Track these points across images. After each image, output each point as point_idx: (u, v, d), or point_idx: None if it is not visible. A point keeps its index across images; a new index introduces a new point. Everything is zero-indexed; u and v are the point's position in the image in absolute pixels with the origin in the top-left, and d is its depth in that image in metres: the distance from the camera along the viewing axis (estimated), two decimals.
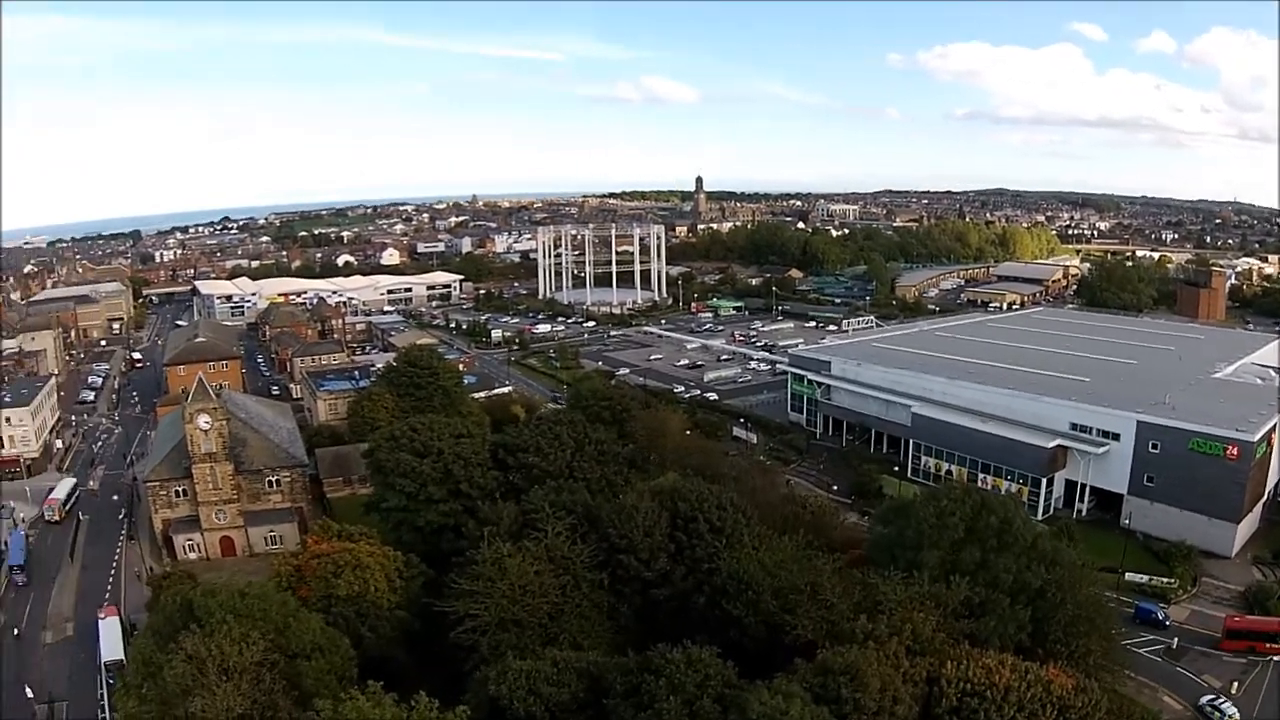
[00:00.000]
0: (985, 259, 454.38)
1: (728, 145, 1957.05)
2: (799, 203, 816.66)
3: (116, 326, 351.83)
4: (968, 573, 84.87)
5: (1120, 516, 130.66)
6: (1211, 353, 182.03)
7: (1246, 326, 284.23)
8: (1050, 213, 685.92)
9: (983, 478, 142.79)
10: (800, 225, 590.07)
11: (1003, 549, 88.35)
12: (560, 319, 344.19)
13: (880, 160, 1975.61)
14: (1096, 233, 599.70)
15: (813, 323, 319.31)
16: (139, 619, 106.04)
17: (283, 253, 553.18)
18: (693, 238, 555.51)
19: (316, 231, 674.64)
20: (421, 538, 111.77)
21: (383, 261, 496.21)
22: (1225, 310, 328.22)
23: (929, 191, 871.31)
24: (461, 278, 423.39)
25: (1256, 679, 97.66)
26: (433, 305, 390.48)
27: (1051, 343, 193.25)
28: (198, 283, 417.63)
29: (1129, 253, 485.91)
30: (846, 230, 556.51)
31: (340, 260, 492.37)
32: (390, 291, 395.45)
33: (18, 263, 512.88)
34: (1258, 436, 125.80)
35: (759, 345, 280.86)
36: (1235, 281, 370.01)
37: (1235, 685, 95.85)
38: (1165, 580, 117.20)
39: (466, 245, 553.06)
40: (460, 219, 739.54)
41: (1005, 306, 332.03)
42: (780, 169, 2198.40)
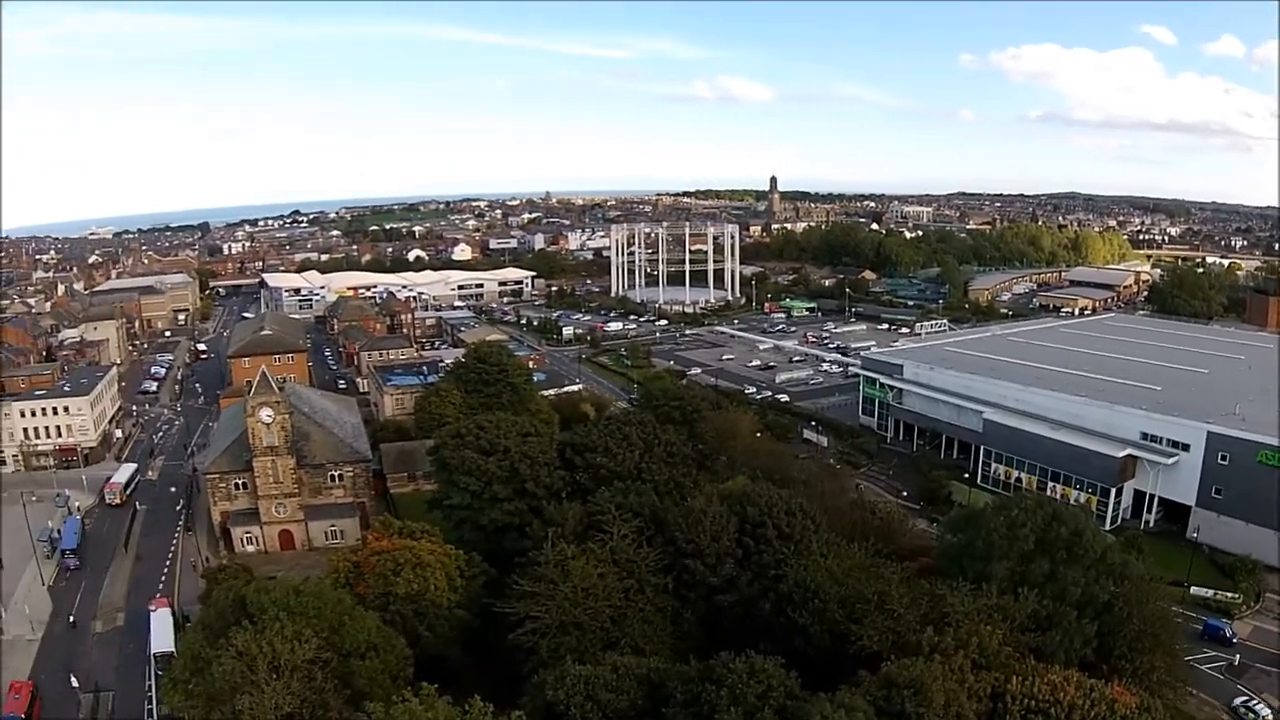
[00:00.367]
0: (1058, 263, 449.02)
1: (801, 145, 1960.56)
2: (873, 203, 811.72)
3: (182, 318, 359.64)
4: (1036, 585, 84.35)
5: (1187, 529, 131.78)
6: None
7: None
8: (1121, 217, 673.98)
9: (1052, 486, 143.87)
10: (874, 226, 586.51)
11: (1072, 561, 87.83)
12: (632, 317, 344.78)
13: (954, 162, 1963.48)
14: (1167, 238, 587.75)
15: (885, 325, 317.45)
16: (192, 611, 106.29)
17: (353, 246, 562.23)
18: (766, 237, 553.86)
19: (388, 226, 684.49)
20: (484, 536, 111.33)
21: (454, 257, 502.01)
22: None
23: (1002, 194, 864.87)
24: (533, 274, 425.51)
25: None
26: (504, 301, 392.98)
27: (1123, 350, 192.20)
28: (266, 275, 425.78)
29: (1199, 259, 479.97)
30: (920, 232, 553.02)
31: (411, 255, 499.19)
32: (461, 287, 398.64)
33: (82, 253, 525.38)
34: None
35: (831, 347, 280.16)
36: None
37: None
38: (1230, 595, 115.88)
39: (539, 242, 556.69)
40: (533, 215, 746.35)
41: (1077, 312, 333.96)
42: (854, 169, 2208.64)
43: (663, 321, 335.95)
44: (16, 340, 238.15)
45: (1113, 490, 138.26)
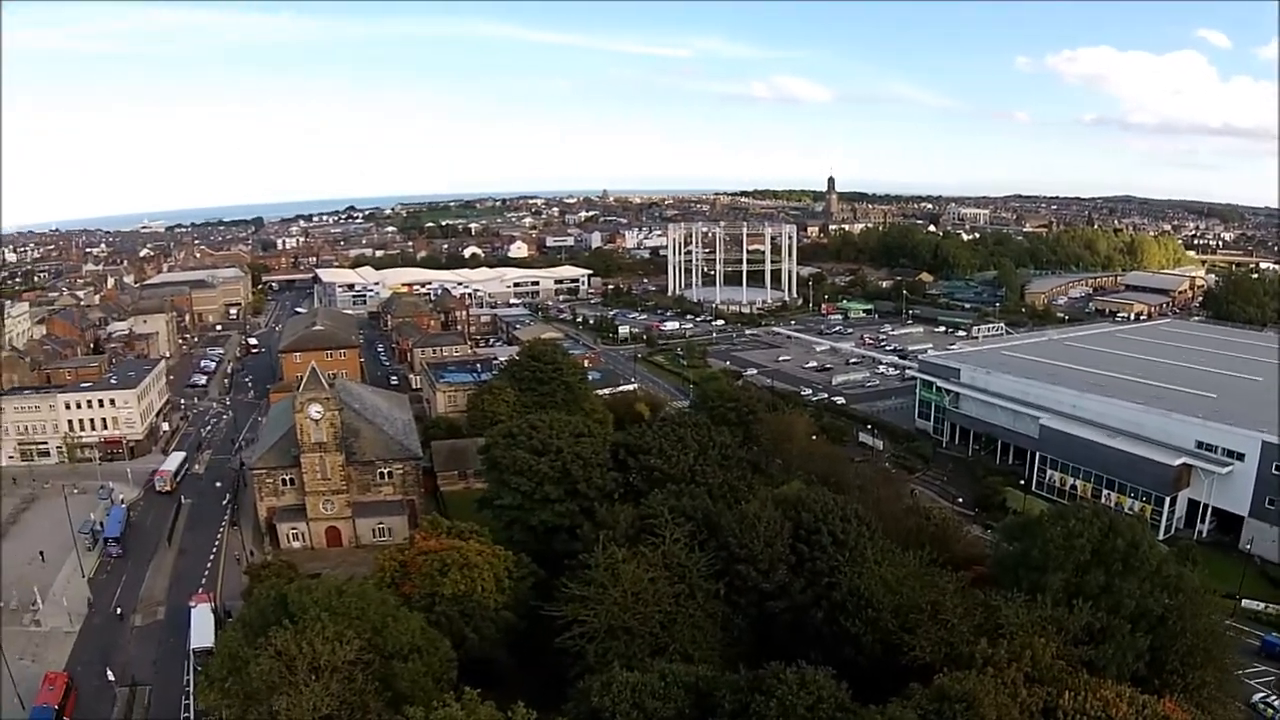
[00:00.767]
0: (1113, 267, 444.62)
1: (859, 145, 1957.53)
2: (930, 205, 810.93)
3: (234, 312, 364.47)
4: (1091, 596, 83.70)
5: (1239, 540, 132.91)
6: None
7: None
8: (1175, 221, 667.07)
9: (1106, 494, 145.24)
10: (931, 228, 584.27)
11: (1128, 573, 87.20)
12: (689, 317, 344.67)
13: (1009, 164, 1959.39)
14: (1220, 243, 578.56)
15: (942, 328, 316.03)
16: (234, 606, 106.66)
17: (408, 243, 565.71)
18: (824, 238, 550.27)
19: (444, 223, 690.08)
20: (534, 537, 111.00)
21: (510, 254, 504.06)
22: None
23: (1058, 197, 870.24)
24: (590, 272, 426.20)
25: None
26: (560, 299, 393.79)
27: (1179, 356, 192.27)
28: (319, 270, 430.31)
29: (1253, 264, 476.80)
30: (976, 234, 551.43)
31: (467, 252, 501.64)
32: (517, 284, 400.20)
33: (133, 246, 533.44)
34: None
35: (888, 349, 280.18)
36: None
37: None
38: None
39: (596, 240, 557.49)
40: (590, 214, 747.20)
41: (1133, 317, 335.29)
42: (910, 170, 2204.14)
43: (719, 321, 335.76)
44: (64, 332, 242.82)
45: (1167, 499, 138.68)
